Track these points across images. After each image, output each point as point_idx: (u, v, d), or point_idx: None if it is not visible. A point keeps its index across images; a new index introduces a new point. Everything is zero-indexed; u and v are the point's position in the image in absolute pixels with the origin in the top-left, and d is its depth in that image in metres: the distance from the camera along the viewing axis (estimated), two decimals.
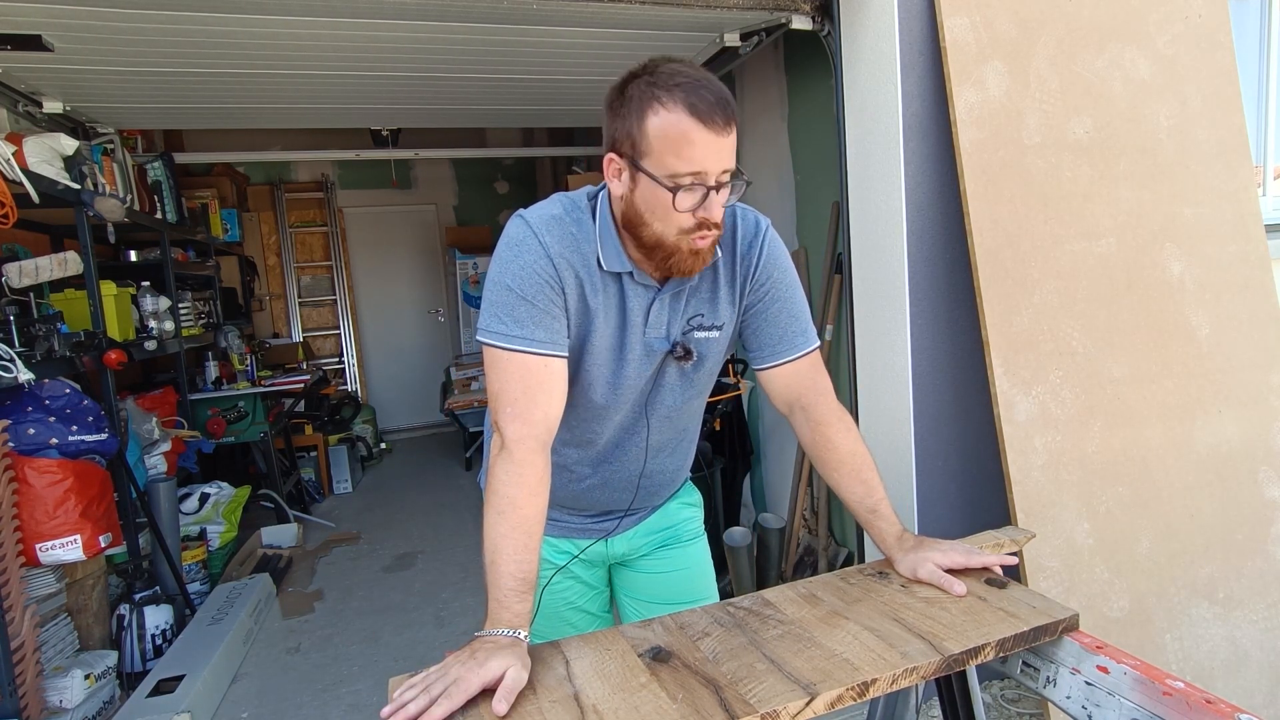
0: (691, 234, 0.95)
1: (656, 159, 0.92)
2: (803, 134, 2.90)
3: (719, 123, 0.90)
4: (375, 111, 3.69)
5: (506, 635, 0.87)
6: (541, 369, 0.99)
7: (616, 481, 1.20)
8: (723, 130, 0.90)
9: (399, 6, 2.20)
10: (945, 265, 2.07)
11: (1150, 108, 2.14)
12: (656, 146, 0.91)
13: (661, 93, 0.90)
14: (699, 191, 0.92)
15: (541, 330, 0.98)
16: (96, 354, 2.51)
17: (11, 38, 2.24)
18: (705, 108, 0.89)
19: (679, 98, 0.89)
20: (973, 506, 2.16)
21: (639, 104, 0.92)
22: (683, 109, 0.89)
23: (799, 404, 1.15)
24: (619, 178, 0.98)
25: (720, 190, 0.93)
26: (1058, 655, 0.94)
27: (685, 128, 0.89)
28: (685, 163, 0.91)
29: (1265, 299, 2.22)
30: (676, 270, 1.00)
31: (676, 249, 0.97)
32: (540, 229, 1.00)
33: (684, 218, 0.94)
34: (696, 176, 0.91)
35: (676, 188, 0.92)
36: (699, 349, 1.10)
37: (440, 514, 4.27)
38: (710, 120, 0.89)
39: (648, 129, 0.91)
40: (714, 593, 1.35)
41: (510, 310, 0.98)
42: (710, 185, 0.92)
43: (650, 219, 0.96)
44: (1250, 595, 2.04)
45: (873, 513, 1.09)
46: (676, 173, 0.91)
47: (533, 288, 0.98)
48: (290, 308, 5.97)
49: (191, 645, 2.56)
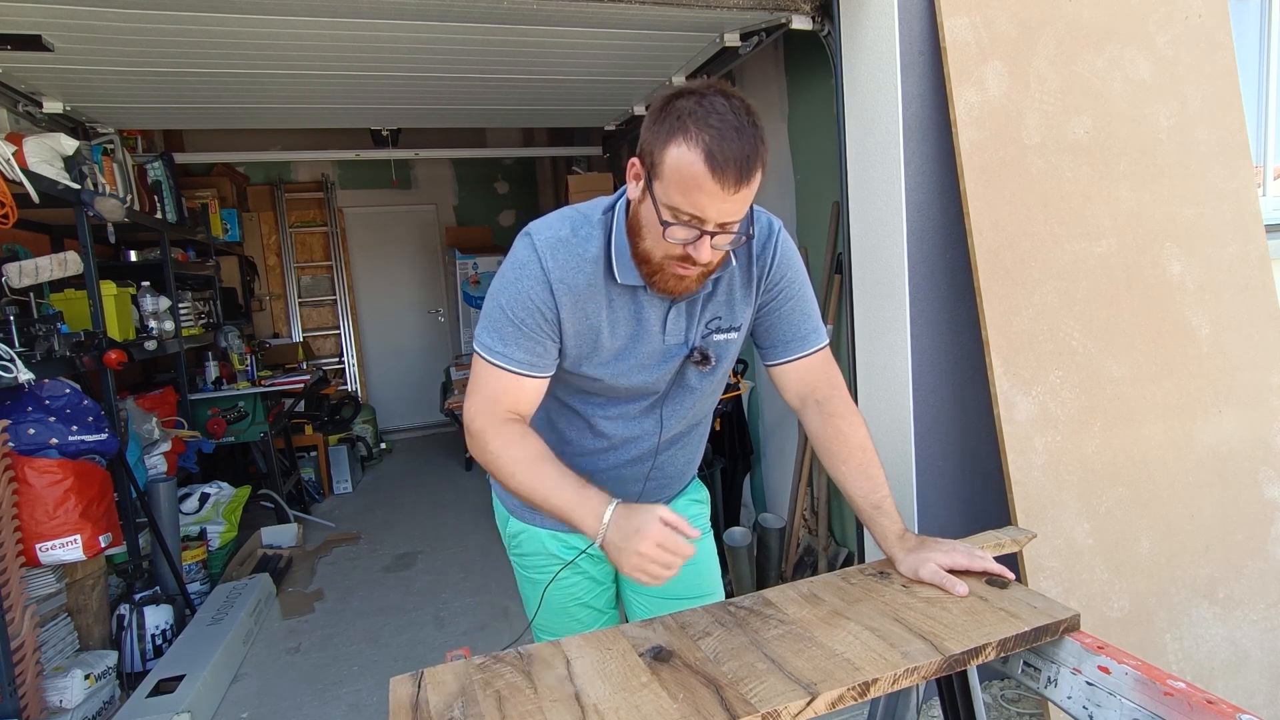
0: (676, 261, 0.98)
1: (665, 187, 0.93)
2: (803, 134, 2.90)
3: (731, 180, 0.89)
4: (375, 111, 3.69)
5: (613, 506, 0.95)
6: (514, 385, 1.06)
7: (627, 477, 1.22)
8: (733, 187, 0.90)
9: (399, 6, 2.21)
10: (945, 265, 2.07)
11: (1150, 108, 2.14)
12: (668, 176, 0.92)
13: (692, 126, 0.89)
14: (693, 232, 0.94)
15: (522, 352, 1.05)
16: (96, 354, 2.51)
17: (11, 38, 2.24)
18: (723, 160, 0.88)
19: (703, 141, 0.88)
20: (973, 506, 2.16)
21: (670, 127, 0.91)
22: (700, 154, 0.88)
23: (813, 398, 1.18)
24: (636, 183, 1.00)
25: (715, 236, 0.94)
26: (1059, 655, 0.94)
27: (696, 172, 0.89)
28: (687, 204, 0.92)
29: (1265, 299, 2.22)
30: (659, 288, 1.04)
31: (660, 269, 1.01)
32: (545, 253, 1.04)
33: (673, 247, 0.97)
34: (694, 220, 0.93)
35: (669, 223, 0.94)
36: (716, 351, 1.14)
37: (440, 514, 4.27)
38: (723, 175, 0.88)
39: (667, 156, 0.92)
40: (719, 588, 1.36)
41: (499, 328, 1.05)
42: (706, 230, 0.93)
43: (645, 234, 1.00)
44: (1250, 595, 2.04)
45: (876, 509, 1.11)
46: (677, 208, 0.93)
47: (523, 312, 1.03)
48: (290, 308, 5.97)
49: (191, 645, 2.56)
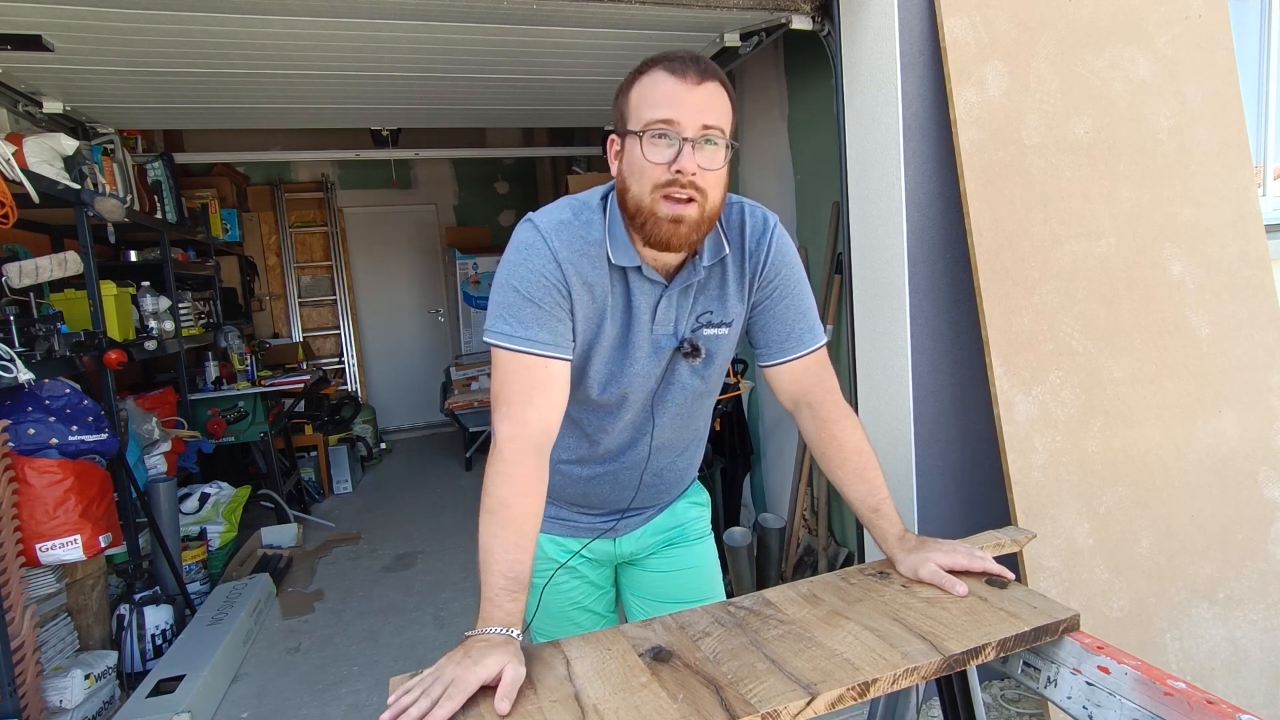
0: (665, 189, 0.94)
1: (634, 116, 0.96)
2: (803, 134, 2.90)
3: (692, 74, 0.93)
4: (375, 111, 3.68)
5: (500, 634, 0.87)
6: (541, 370, 0.99)
7: (622, 479, 1.20)
8: (695, 80, 0.93)
9: (399, 6, 2.20)
10: (945, 265, 2.07)
11: (1150, 108, 2.14)
12: (634, 105, 0.96)
13: (649, 64, 0.97)
14: (673, 142, 0.93)
15: (545, 332, 0.99)
16: (96, 354, 2.51)
17: (11, 38, 2.24)
18: (679, 63, 0.94)
19: (661, 64, 0.95)
20: (973, 506, 2.16)
21: (628, 81, 0.99)
22: (658, 68, 0.95)
23: (805, 401, 1.14)
24: (616, 159, 1.01)
25: (697, 148, 0.93)
26: (1059, 655, 0.94)
27: (658, 78, 0.95)
28: (656, 109, 0.93)
29: (1265, 299, 2.22)
30: (655, 240, 0.97)
31: (652, 213, 0.96)
32: (549, 233, 1.01)
33: (657, 171, 0.94)
34: (667, 124, 0.93)
35: (645, 132, 0.94)
36: (708, 346, 1.10)
37: (440, 514, 4.27)
38: (683, 72, 0.93)
39: (631, 96, 0.97)
40: (720, 593, 1.35)
41: (515, 311, 0.99)
42: (685, 137, 0.93)
43: (630, 182, 0.97)
44: (1250, 595, 2.04)
45: (875, 512, 1.09)
46: (649, 120, 0.94)
47: (539, 290, 0.99)
48: (290, 308, 5.97)
49: (191, 645, 2.56)
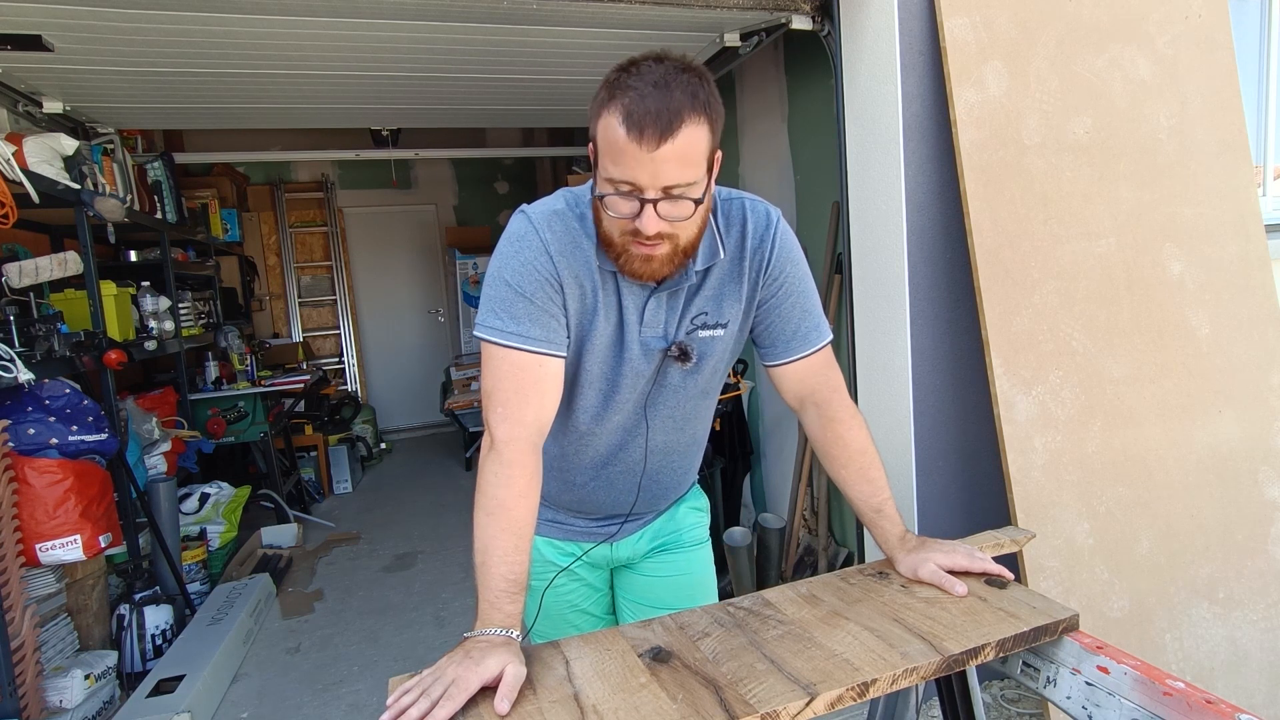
0: (633, 240, 0.93)
1: (602, 160, 0.90)
2: (803, 134, 2.90)
3: (651, 138, 0.84)
4: (375, 111, 3.69)
5: (499, 634, 0.86)
6: (535, 367, 0.97)
7: (618, 484, 1.18)
8: (653, 144, 0.84)
9: (399, 6, 2.20)
10: (945, 265, 2.07)
11: (1150, 108, 2.14)
12: (601, 149, 0.90)
13: (615, 93, 0.87)
14: (633, 203, 0.89)
15: (538, 328, 0.97)
16: (96, 354, 2.51)
17: (11, 38, 2.24)
18: (640, 118, 0.84)
19: (622, 105, 0.86)
20: (973, 506, 2.16)
21: (599, 101, 0.90)
22: (619, 116, 0.85)
23: (811, 400, 1.13)
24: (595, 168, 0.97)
25: (659, 204, 0.88)
26: (1058, 655, 0.94)
27: (618, 137, 0.86)
28: (619, 171, 0.88)
29: (1265, 299, 2.22)
30: (628, 273, 0.97)
31: (623, 250, 0.95)
32: (542, 225, 0.99)
33: (623, 221, 0.92)
34: (629, 186, 0.88)
35: (604, 194, 0.91)
36: (700, 348, 1.07)
37: (440, 514, 4.27)
38: (641, 134, 0.84)
39: (597, 130, 0.90)
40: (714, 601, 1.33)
41: (508, 306, 0.97)
42: (645, 199, 0.88)
43: (602, 215, 0.95)
44: (1250, 595, 2.04)
45: (877, 512, 1.08)
46: (612, 178, 0.89)
47: (531, 284, 0.97)
48: (290, 308, 5.97)
49: (191, 645, 2.56)
